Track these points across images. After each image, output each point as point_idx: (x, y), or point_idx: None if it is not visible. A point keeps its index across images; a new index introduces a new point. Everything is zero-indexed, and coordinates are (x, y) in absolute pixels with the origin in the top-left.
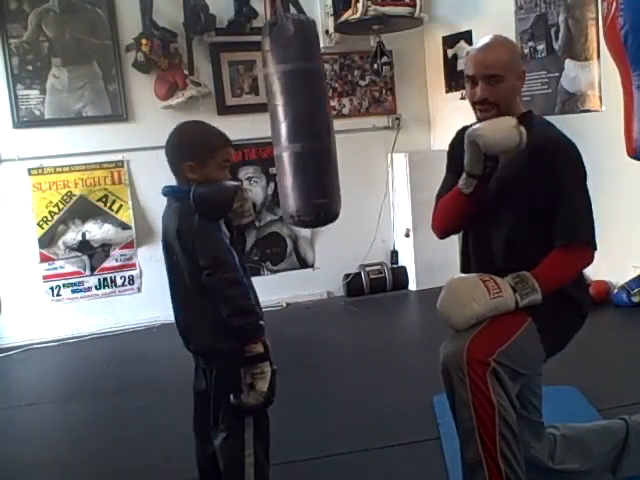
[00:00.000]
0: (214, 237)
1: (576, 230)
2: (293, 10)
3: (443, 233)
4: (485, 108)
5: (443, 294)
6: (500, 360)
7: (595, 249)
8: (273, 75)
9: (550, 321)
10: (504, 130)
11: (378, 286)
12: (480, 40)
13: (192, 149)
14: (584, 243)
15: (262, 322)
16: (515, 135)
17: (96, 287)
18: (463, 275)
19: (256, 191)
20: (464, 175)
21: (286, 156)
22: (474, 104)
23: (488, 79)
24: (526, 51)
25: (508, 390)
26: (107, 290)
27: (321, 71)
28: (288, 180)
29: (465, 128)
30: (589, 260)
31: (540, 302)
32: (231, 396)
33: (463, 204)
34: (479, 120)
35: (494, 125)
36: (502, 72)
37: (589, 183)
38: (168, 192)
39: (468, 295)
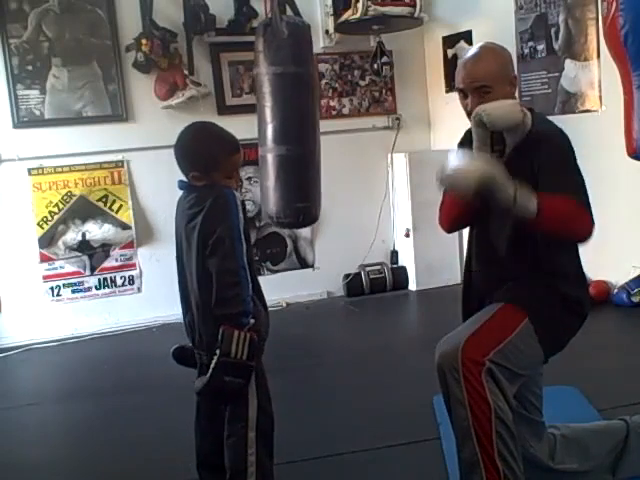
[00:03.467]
0: (229, 221)
1: (569, 190)
2: (290, 12)
3: (450, 225)
4: None
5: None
6: (496, 360)
7: (593, 223)
8: (264, 76)
9: (548, 321)
10: (507, 107)
11: (378, 286)
12: (470, 49)
13: (195, 161)
14: (582, 204)
15: (247, 318)
16: (518, 112)
17: (96, 287)
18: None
19: (256, 191)
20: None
21: (270, 157)
22: (467, 115)
23: (477, 91)
24: (526, 51)
25: (504, 390)
26: (107, 290)
27: (312, 75)
28: (270, 181)
29: (469, 131)
30: (588, 231)
31: (532, 216)
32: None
33: (465, 203)
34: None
35: (498, 103)
36: (489, 83)
37: (589, 182)
38: (184, 187)
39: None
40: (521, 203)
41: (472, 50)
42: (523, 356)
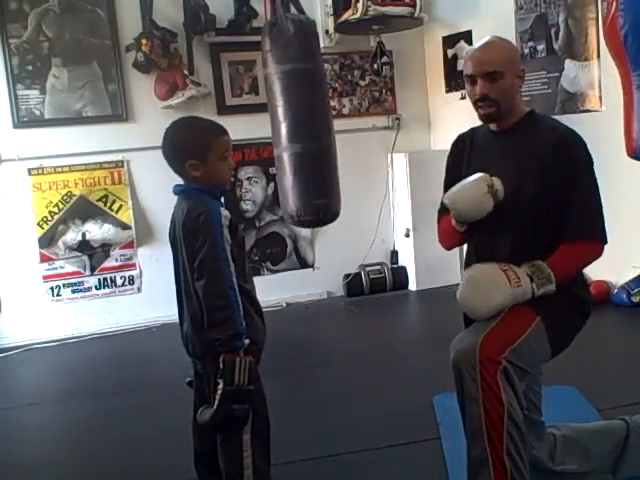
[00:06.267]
0: (212, 241)
1: (591, 228)
2: (294, 10)
3: (451, 247)
4: (486, 104)
5: (464, 285)
6: (510, 359)
7: (606, 243)
8: (273, 75)
9: (557, 320)
10: (475, 200)
11: (378, 286)
12: (479, 41)
13: (190, 148)
14: (597, 239)
15: (241, 340)
16: (488, 200)
17: (96, 287)
18: (481, 265)
19: (256, 191)
20: (454, 220)
21: (286, 156)
22: (475, 102)
23: (488, 76)
24: (526, 51)
25: (517, 389)
26: (107, 290)
27: (321, 71)
28: (288, 180)
29: (461, 137)
30: (600, 254)
31: (554, 292)
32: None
33: (460, 234)
34: (481, 118)
35: (467, 196)
36: (501, 68)
37: None
38: (178, 191)
39: (490, 284)
40: (540, 293)
41: (482, 40)
42: (533, 354)
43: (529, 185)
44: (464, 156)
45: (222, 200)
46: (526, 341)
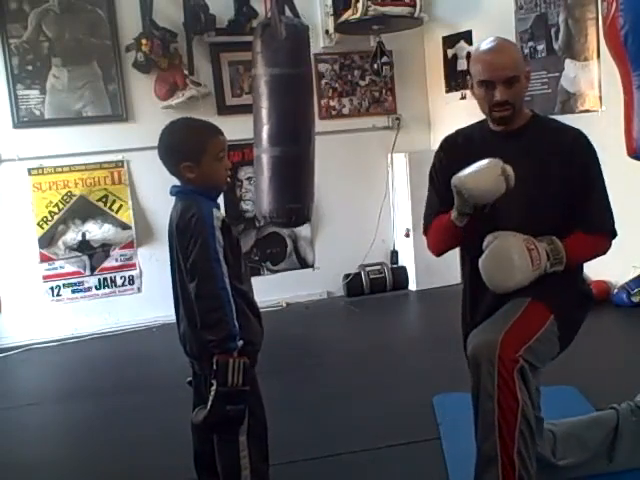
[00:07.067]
0: (203, 242)
1: (606, 223)
2: (289, 13)
3: (440, 254)
4: (505, 109)
5: (490, 255)
6: (526, 357)
7: (615, 236)
8: (261, 77)
9: (567, 317)
10: (489, 180)
11: (378, 286)
12: (483, 43)
13: (184, 149)
14: (609, 233)
15: (235, 342)
16: (501, 183)
17: (96, 287)
18: (509, 238)
19: None
20: (455, 212)
21: (265, 158)
22: (492, 106)
23: (507, 81)
24: (526, 51)
25: (530, 387)
26: (107, 290)
27: (309, 78)
28: (265, 182)
29: (451, 138)
30: (609, 247)
31: (560, 271)
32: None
33: (458, 233)
34: (498, 121)
35: (479, 176)
36: (517, 73)
37: None
38: (175, 192)
39: (515, 264)
40: (549, 271)
41: (488, 42)
42: (546, 352)
43: (553, 185)
44: (460, 158)
45: (220, 201)
46: (540, 339)
